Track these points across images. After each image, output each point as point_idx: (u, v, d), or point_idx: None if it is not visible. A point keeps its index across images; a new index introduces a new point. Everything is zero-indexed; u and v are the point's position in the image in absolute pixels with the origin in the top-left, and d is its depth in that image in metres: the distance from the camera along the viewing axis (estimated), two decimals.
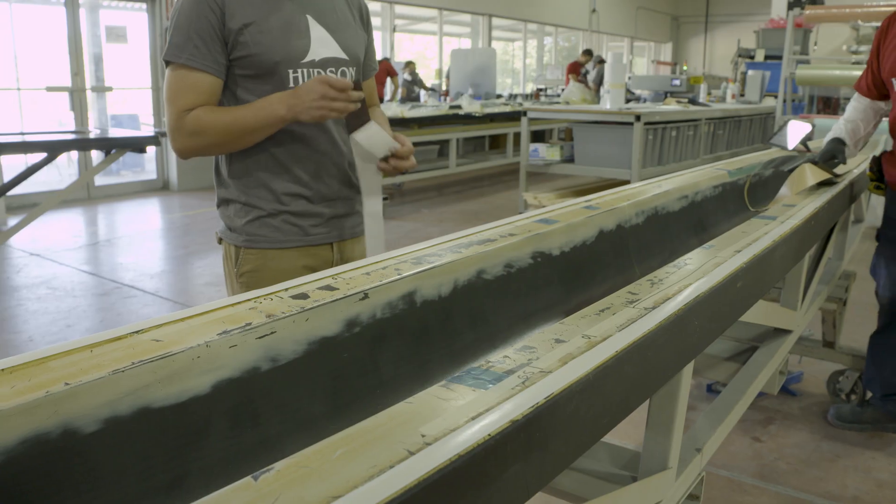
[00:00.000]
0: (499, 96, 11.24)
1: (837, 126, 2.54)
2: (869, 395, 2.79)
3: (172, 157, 8.30)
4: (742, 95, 9.21)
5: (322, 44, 1.53)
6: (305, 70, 1.51)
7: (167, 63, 1.47)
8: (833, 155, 2.34)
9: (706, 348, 1.26)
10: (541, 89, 12.83)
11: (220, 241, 1.63)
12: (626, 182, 4.89)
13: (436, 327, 1.03)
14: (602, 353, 0.84)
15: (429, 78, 12.97)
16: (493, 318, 1.14)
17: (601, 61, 11.21)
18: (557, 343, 0.87)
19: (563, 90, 11.34)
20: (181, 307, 3.98)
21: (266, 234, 1.55)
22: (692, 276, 1.18)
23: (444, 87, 11.67)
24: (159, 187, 8.45)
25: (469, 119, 8.45)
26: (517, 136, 7.73)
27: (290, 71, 1.49)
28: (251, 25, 1.45)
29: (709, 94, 9.04)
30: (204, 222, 6.59)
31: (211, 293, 4.52)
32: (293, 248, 1.57)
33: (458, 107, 8.47)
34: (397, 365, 0.96)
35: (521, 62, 16.39)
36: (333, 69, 1.55)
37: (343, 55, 1.57)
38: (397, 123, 7.04)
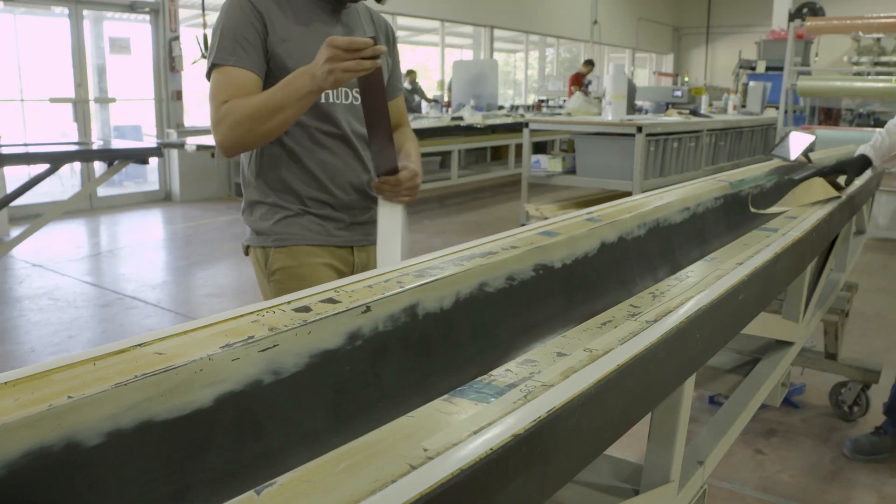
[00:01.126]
0: (500, 107, 11.27)
1: (875, 137, 2.30)
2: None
3: (175, 168, 8.32)
4: (743, 106, 9.24)
5: None
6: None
7: (213, 67, 1.52)
8: (844, 171, 2.20)
9: (708, 360, 1.26)
10: (542, 100, 12.86)
11: (246, 251, 1.67)
12: (628, 194, 4.89)
13: (438, 340, 1.03)
14: (604, 367, 0.84)
15: (431, 89, 13.01)
16: (495, 330, 1.14)
17: None
18: (559, 356, 0.87)
19: (564, 101, 11.37)
20: (183, 318, 3.98)
21: (294, 232, 1.61)
22: (694, 288, 1.18)
23: (445, 99, 11.70)
24: (161, 198, 8.47)
25: (471, 130, 8.47)
26: (519, 147, 7.75)
27: None
28: (288, 42, 1.53)
29: (710, 105, 9.07)
30: (206, 233, 6.60)
31: (213, 304, 4.53)
32: (320, 245, 1.62)
33: (460, 118, 8.50)
34: (399, 378, 0.96)
35: (523, 73, 16.44)
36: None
37: None
38: None
